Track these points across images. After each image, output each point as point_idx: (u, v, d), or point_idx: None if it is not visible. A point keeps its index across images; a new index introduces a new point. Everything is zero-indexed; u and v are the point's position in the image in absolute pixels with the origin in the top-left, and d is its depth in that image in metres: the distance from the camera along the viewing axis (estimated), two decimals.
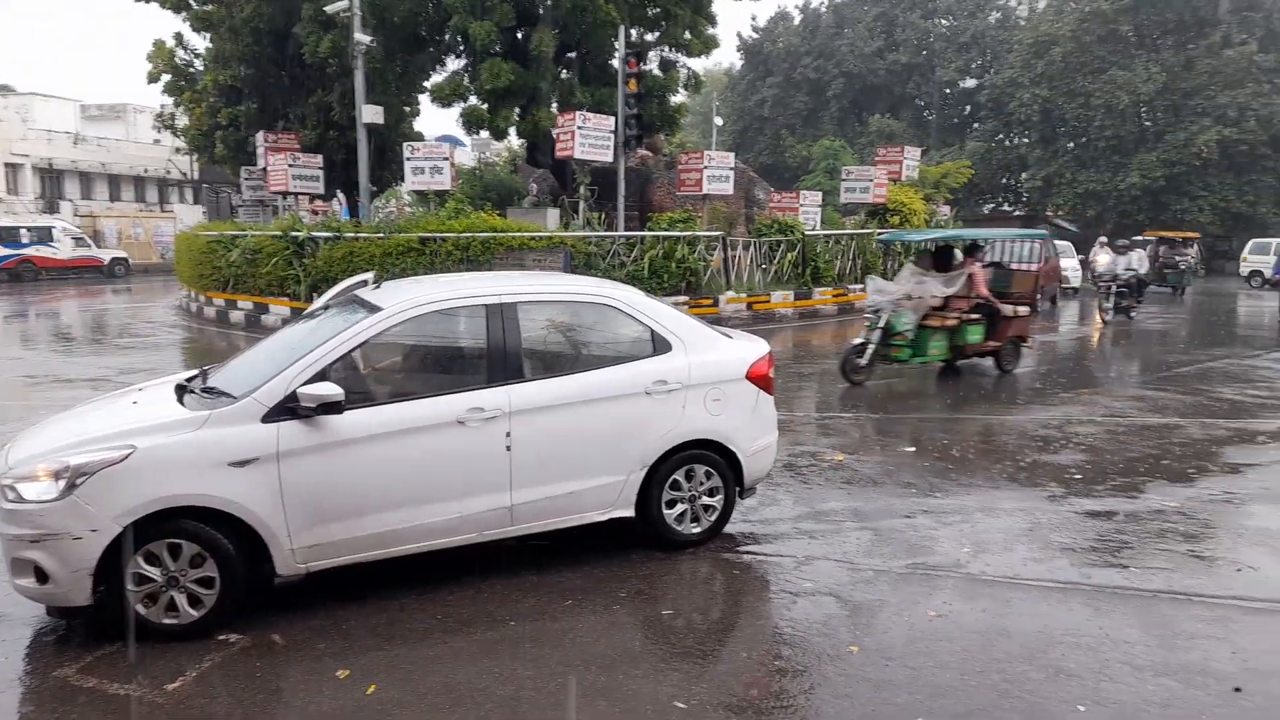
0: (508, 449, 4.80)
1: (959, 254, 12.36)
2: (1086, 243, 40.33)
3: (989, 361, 12.22)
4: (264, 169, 21.88)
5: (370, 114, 18.42)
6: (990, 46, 45.56)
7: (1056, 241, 28.58)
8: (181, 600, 4.24)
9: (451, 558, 4.97)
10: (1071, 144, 40.82)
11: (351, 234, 16.53)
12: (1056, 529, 5.90)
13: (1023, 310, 12.23)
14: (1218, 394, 10.87)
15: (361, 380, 4.95)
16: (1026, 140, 42.84)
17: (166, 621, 4.24)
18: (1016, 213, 46.42)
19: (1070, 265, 25.71)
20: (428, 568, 4.98)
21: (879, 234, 19.60)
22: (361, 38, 18.06)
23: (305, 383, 4.40)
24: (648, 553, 5.38)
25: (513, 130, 22.44)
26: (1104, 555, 5.44)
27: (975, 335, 11.70)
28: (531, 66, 20.19)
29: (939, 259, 12.22)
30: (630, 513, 5.27)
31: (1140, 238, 27.20)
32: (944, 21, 46.86)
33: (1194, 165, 36.47)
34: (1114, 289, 18.86)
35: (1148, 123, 38.69)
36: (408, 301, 4.85)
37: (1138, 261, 20.33)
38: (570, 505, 5.07)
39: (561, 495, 5.01)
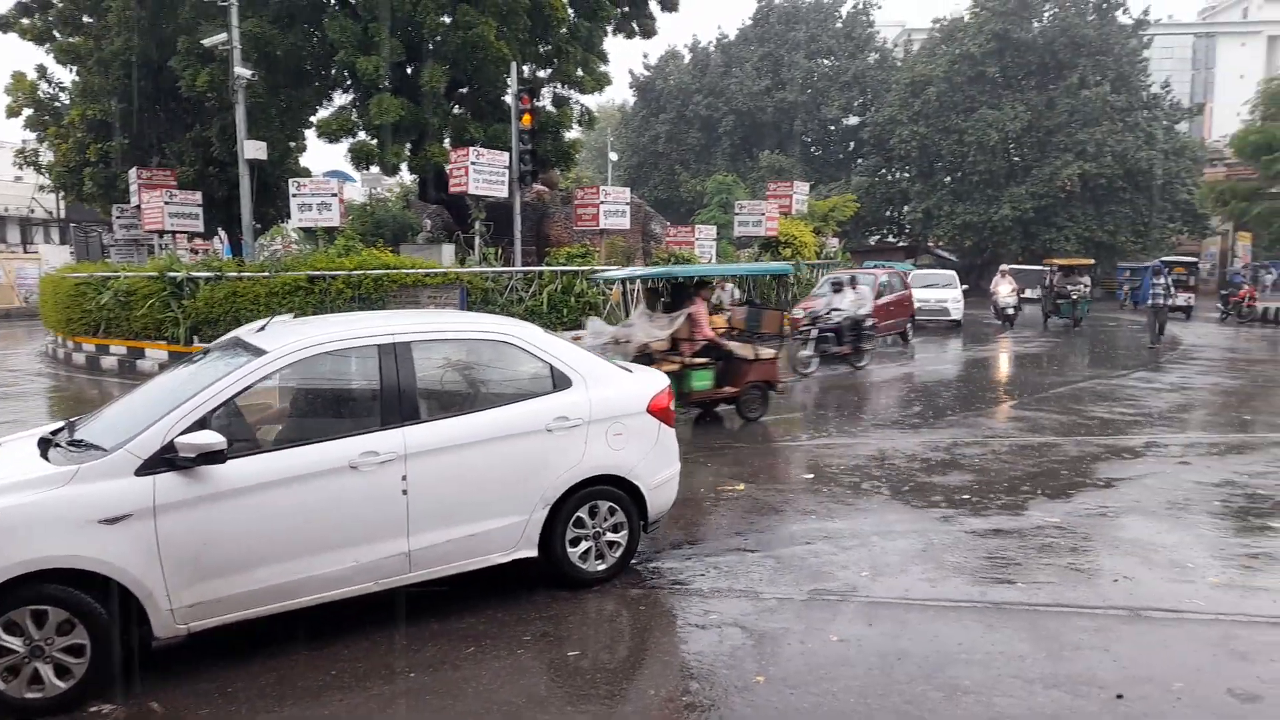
0: (404, 493, 4.66)
1: (736, 291, 10.80)
2: (972, 271, 42.70)
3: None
4: (138, 206, 20.86)
5: (253, 149, 17.83)
6: (870, 86, 47.67)
7: (938, 271, 29.91)
8: (47, 671, 3.91)
9: (347, 609, 4.77)
10: (948, 178, 43.00)
11: (234, 273, 15.89)
12: (948, 549, 6.10)
13: (766, 352, 11.00)
14: (1090, 412, 11.53)
15: (246, 427, 4.73)
16: (907, 175, 44.90)
17: (30, 696, 3.90)
18: (900, 244, 48.52)
19: (951, 296, 24.87)
20: (321, 621, 4.76)
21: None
22: (242, 72, 17.52)
23: (184, 431, 4.17)
24: (552, 593, 5.29)
25: (404, 165, 22.12)
26: (993, 572, 5.65)
27: (703, 381, 10.39)
28: (422, 102, 20.00)
29: (674, 297, 11.05)
30: (534, 553, 5.17)
31: (1041, 266, 28.51)
32: (826, 61, 48.80)
33: (1059, 198, 38.94)
34: (814, 334, 14.77)
35: (1016, 158, 41.14)
36: (295, 343, 4.67)
37: (853, 303, 15.35)
38: (472, 548, 4.95)
39: (462, 538, 4.88)
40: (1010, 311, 24.31)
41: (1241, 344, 21.32)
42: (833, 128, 49.99)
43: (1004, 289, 24.83)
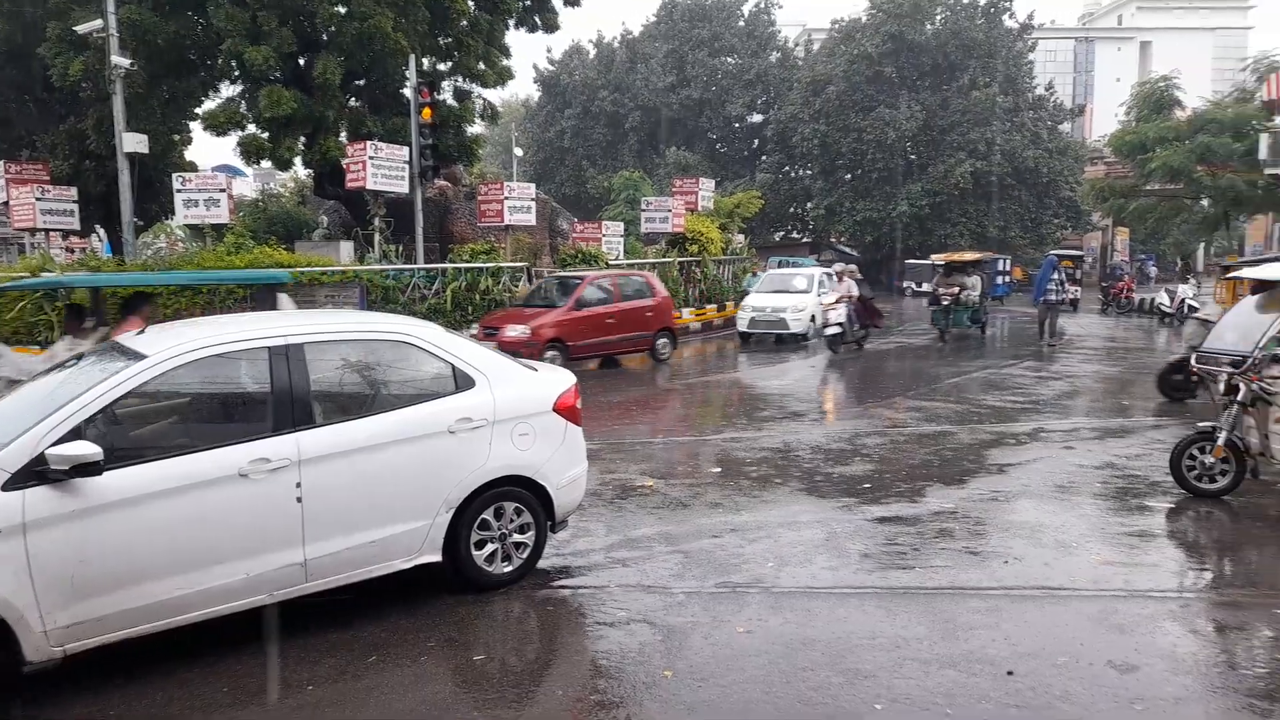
0: (299, 500, 4.48)
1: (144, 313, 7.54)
2: (872, 267, 43.96)
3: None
4: (6, 203, 19.56)
5: (132, 142, 16.90)
6: (773, 84, 48.55)
7: (802, 270, 24.01)
8: None
9: (241, 623, 4.56)
10: (849, 175, 44.20)
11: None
12: (850, 537, 6.25)
13: None
14: (981, 401, 12.01)
15: (126, 436, 4.47)
16: (809, 172, 45.93)
17: None
18: (804, 239, 49.63)
19: (794, 305, 19.68)
20: (214, 635, 4.54)
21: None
22: (120, 61, 16.58)
23: (56, 442, 3.92)
24: (458, 597, 5.18)
25: (299, 160, 21.36)
26: (893, 558, 5.81)
27: None
28: (316, 94, 19.32)
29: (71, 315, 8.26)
30: (438, 557, 5.06)
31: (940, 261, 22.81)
32: (730, 59, 49.44)
33: (953, 195, 40.49)
34: None
35: (913, 156, 42.56)
36: (177, 347, 4.44)
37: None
38: (372, 555, 4.80)
39: (362, 545, 4.73)
40: (835, 330, 17.29)
41: (1120, 334, 22.60)
42: (737, 125, 50.71)
43: (829, 297, 18.62)
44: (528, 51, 55.53)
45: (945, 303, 19.98)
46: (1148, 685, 4.06)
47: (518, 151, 53.83)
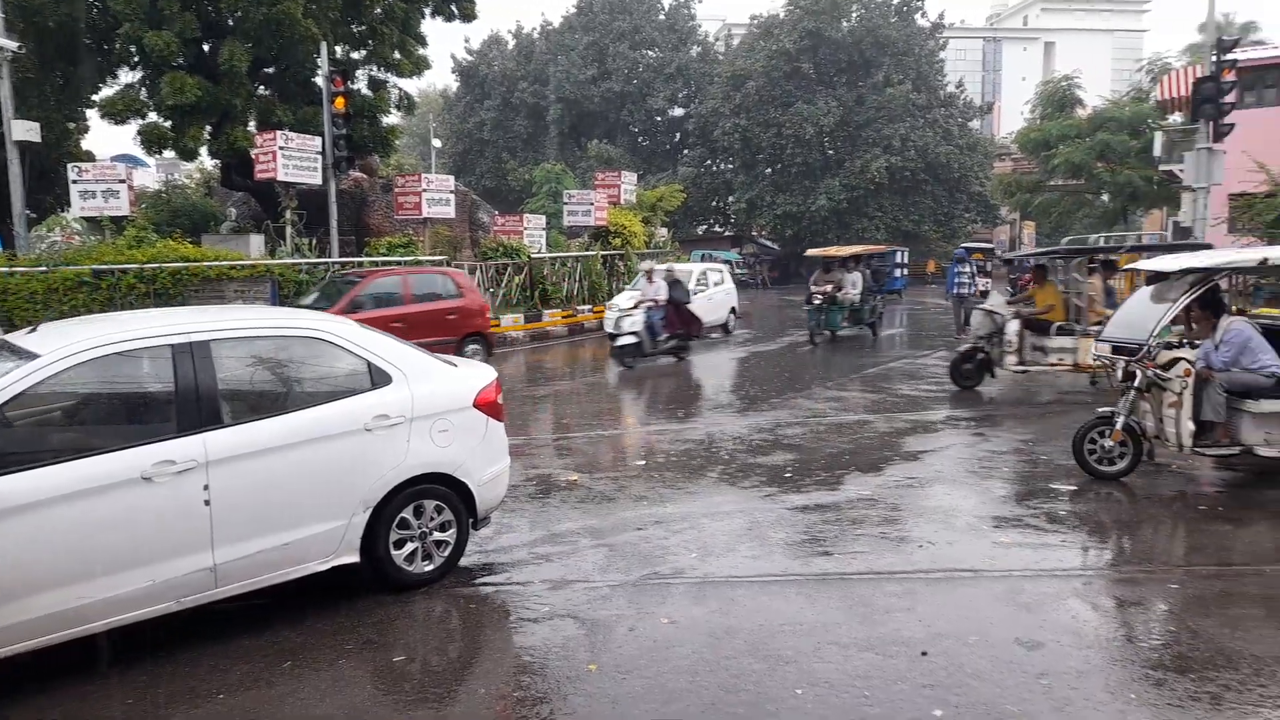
0: (206, 503, 4.32)
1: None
2: (792, 260, 44.69)
3: None
4: None
5: (22, 130, 16.01)
6: (694, 78, 48.90)
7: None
8: None
9: (148, 630, 4.37)
10: (769, 170, 44.86)
11: (4, 269, 14.25)
12: (772, 526, 6.35)
13: None
14: (898, 391, 12.34)
15: (17, 439, 4.23)
16: (731, 166, 46.47)
17: None
18: (727, 233, 50.17)
19: (721, 292, 19.25)
20: (119, 645, 4.34)
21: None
22: (6, 43, 15.68)
23: None
24: (377, 598, 5.07)
25: (204, 150, 20.57)
26: (813, 545, 5.92)
27: None
28: (222, 81, 18.64)
29: None
30: (356, 558, 4.94)
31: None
32: (651, 53, 49.59)
33: (869, 189, 41.49)
34: None
35: (830, 151, 43.45)
36: (72, 345, 4.22)
37: None
38: (286, 557, 4.66)
39: (275, 548, 4.59)
40: (627, 341, 14.62)
41: None
42: (659, 118, 50.91)
43: (623, 300, 16.50)
44: (445, 41, 54.66)
45: (817, 302, 17.86)
46: (1053, 660, 4.23)
47: (436, 143, 52.94)
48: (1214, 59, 18.36)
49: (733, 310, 20.67)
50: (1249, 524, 6.36)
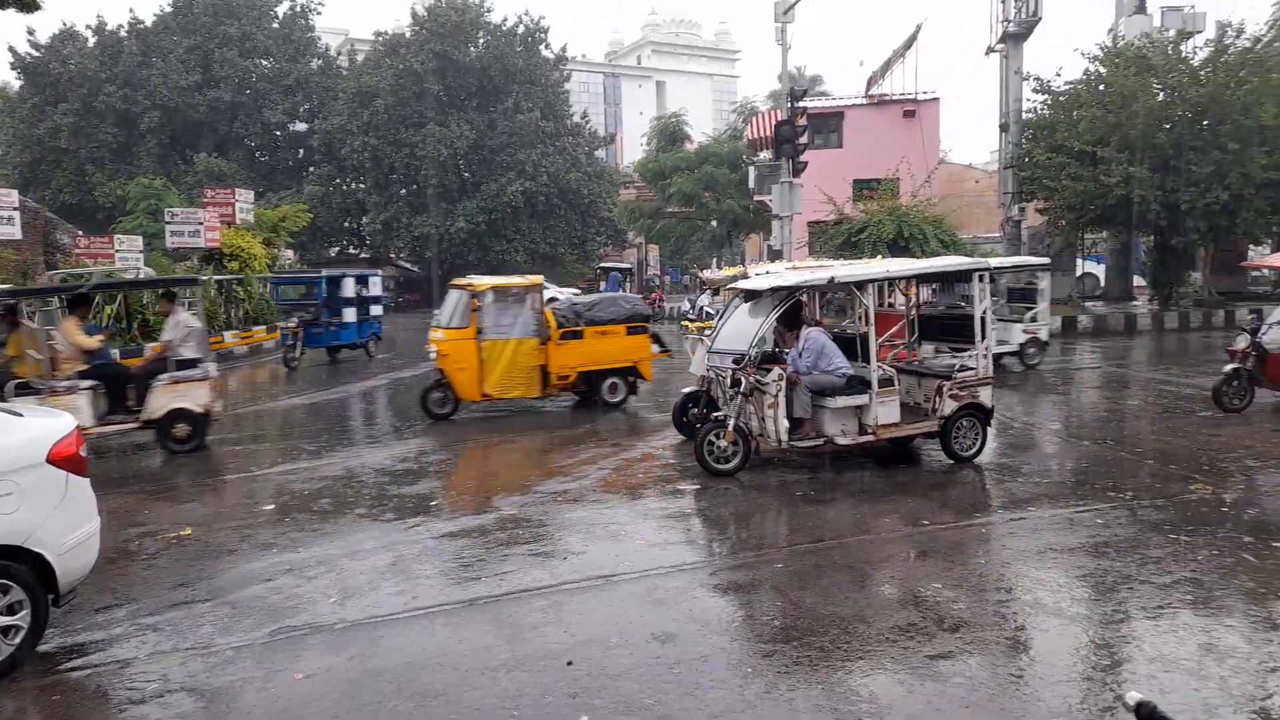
0: None
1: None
2: (433, 283, 43.99)
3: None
4: None
5: None
6: (316, 92, 46.43)
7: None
8: None
9: None
10: (405, 190, 43.97)
11: None
12: (418, 558, 6.14)
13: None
14: (541, 409, 12.68)
15: None
16: (363, 185, 44.75)
17: None
18: (361, 255, 48.25)
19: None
20: None
21: None
22: None
23: None
24: None
25: None
26: (460, 572, 5.83)
27: None
28: None
29: None
30: None
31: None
32: (265, 62, 46.22)
33: (507, 213, 42.34)
34: None
35: (466, 174, 43.68)
36: None
37: None
38: None
39: None
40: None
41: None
42: (279, 133, 47.61)
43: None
44: (2, 31, 45.76)
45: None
46: (684, 649, 4.56)
47: None
48: (789, 106, 21.46)
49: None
50: (835, 504, 7.42)
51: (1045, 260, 16.87)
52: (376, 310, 21.08)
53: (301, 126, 47.53)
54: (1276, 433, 9.70)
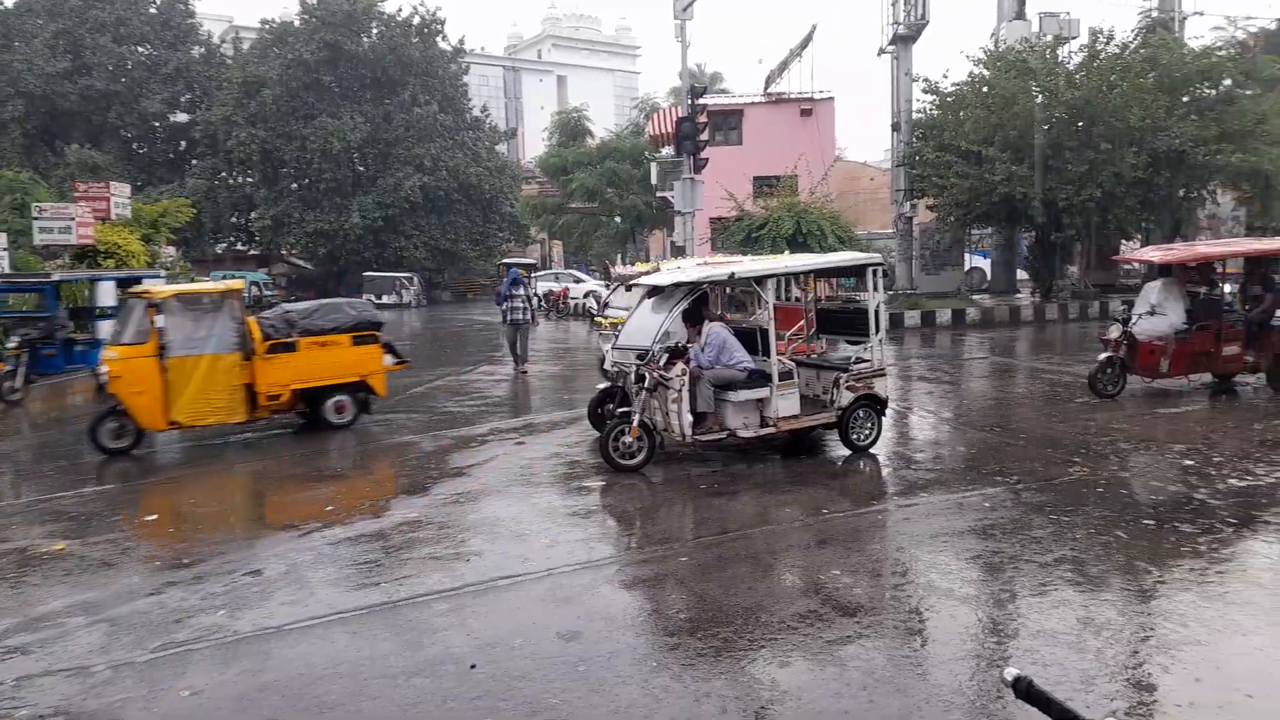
0: None
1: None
2: (329, 280, 42.61)
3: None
4: None
5: None
6: (198, 81, 44.18)
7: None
8: None
9: None
10: (295, 185, 42.32)
11: None
12: (313, 566, 5.92)
13: None
14: (444, 408, 12.43)
15: None
16: (251, 180, 42.91)
17: None
18: (252, 252, 46.30)
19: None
20: None
21: None
22: None
23: None
24: None
25: None
26: (357, 579, 5.65)
27: None
28: None
29: None
30: None
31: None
32: (141, 49, 43.74)
33: (405, 208, 41.24)
34: None
35: (361, 168, 42.32)
36: None
37: None
38: None
39: None
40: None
41: (559, 335, 25.35)
42: (158, 124, 45.15)
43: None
44: None
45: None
46: (589, 646, 4.53)
47: None
48: (690, 103, 21.63)
49: None
50: (739, 496, 7.51)
51: (877, 257, 16.09)
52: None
53: (183, 117, 45.19)
54: (1146, 416, 10.34)
